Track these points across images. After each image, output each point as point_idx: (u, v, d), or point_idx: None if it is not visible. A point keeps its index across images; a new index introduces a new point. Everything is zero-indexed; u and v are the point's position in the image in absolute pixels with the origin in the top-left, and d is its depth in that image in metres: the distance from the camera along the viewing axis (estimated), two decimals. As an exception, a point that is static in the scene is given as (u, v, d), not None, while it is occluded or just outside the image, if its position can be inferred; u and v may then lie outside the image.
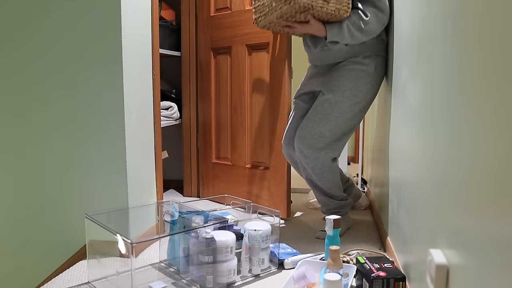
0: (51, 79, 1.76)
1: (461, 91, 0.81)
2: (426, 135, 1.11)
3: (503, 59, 0.61)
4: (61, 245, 1.80)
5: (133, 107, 1.82)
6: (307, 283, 1.38)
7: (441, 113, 0.95)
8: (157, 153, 2.09)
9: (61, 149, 1.78)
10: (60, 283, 1.56)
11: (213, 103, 2.71)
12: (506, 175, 0.60)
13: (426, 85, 1.10)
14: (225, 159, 2.67)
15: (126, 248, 1.42)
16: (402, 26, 1.54)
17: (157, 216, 1.89)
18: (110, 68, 1.72)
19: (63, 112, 1.77)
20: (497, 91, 0.63)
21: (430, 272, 0.94)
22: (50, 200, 1.80)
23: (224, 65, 2.63)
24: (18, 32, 1.76)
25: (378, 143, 2.29)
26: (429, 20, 1.09)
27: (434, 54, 1.03)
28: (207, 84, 2.72)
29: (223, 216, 1.75)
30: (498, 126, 0.63)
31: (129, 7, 1.77)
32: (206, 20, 2.68)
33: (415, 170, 1.25)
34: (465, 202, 0.78)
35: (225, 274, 1.49)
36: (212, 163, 2.74)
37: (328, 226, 1.54)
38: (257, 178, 2.46)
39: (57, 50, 1.75)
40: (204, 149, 2.77)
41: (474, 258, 0.73)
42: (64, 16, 1.73)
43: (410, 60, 1.35)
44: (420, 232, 1.16)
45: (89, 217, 1.52)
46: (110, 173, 1.76)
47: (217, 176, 2.72)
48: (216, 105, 2.69)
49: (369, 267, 1.36)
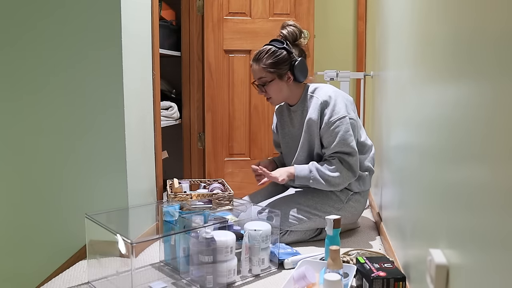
0: (51, 79, 1.76)
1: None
2: (426, 134, 1.11)
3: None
4: (61, 245, 1.79)
5: (133, 107, 1.82)
6: (307, 283, 1.38)
7: (439, 116, 0.95)
8: (157, 153, 2.09)
9: (61, 149, 1.78)
10: (60, 283, 1.56)
11: (228, 102, 2.75)
12: (506, 175, 0.60)
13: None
14: (240, 155, 2.79)
15: (126, 248, 1.42)
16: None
17: (157, 216, 1.89)
18: (110, 68, 1.72)
19: (63, 112, 1.77)
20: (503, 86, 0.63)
21: (430, 272, 0.94)
22: (50, 200, 1.80)
23: (241, 66, 2.72)
24: (18, 32, 1.76)
25: (377, 142, 2.29)
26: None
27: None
28: (219, 83, 2.74)
29: (223, 216, 1.75)
30: (498, 126, 0.63)
31: (129, 7, 1.77)
32: (217, 21, 2.70)
33: (415, 170, 1.25)
34: (465, 202, 0.78)
35: (225, 274, 1.49)
36: (224, 161, 2.78)
37: (328, 226, 1.54)
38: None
39: (57, 49, 1.75)
40: (213, 148, 2.78)
41: (474, 258, 0.73)
42: (64, 16, 1.73)
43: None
44: (420, 232, 1.16)
45: (89, 217, 1.52)
46: (110, 173, 1.76)
47: (232, 173, 2.79)
48: (230, 104, 2.75)
49: (369, 267, 1.36)
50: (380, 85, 2.22)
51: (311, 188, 1.95)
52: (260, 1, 2.70)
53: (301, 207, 1.90)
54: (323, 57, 3.15)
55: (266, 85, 1.91)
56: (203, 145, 2.84)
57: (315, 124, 1.89)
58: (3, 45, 1.77)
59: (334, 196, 1.93)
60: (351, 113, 1.89)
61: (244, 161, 2.79)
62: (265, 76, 1.90)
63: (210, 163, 2.79)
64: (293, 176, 1.89)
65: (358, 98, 3.08)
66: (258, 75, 1.92)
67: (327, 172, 1.84)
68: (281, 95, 1.95)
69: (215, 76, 2.74)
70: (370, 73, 2.75)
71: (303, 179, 1.88)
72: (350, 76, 2.76)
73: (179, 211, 1.65)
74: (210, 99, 2.75)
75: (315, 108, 1.89)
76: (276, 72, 1.89)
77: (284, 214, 1.87)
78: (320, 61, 3.10)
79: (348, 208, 1.95)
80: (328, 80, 2.70)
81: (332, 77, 2.71)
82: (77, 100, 1.76)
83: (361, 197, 2.00)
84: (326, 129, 1.87)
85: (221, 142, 2.78)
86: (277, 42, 1.91)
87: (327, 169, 1.85)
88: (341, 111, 1.86)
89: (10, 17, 1.75)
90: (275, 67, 1.88)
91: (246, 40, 2.72)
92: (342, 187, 1.89)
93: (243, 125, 2.77)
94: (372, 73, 2.68)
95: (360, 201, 1.99)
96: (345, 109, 1.87)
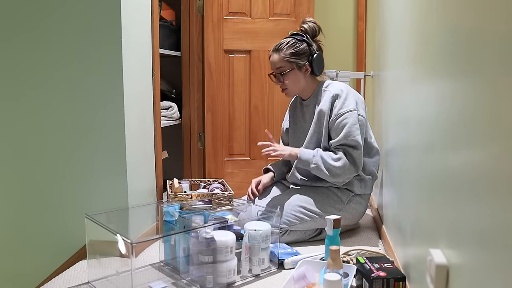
0: (51, 79, 1.76)
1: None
2: (426, 134, 1.11)
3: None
4: (61, 245, 1.79)
5: (133, 107, 1.82)
6: (307, 283, 1.38)
7: (439, 116, 0.95)
8: (157, 153, 2.09)
9: (61, 149, 1.78)
10: (60, 283, 1.56)
11: (227, 102, 2.75)
12: (506, 175, 0.60)
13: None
14: (240, 155, 2.79)
15: (126, 248, 1.42)
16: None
17: (157, 216, 1.89)
18: (110, 68, 1.72)
19: (63, 112, 1.77)
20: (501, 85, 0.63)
21: (430, 272, 0.94)
22: (50, 200, 1.80)
23: (241, 66, 2.72)
24: (18, 33, 1.76)
25: (377, 142, 2.29)
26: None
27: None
28: (219, 83, 2.74)
29: (223, 216, 1.75)
30: (498, 126, 0.63)
31: (129, 7, 1.77)
32: (217, 21, 2.70)
33: (415, 170, 1.25)
34: (465, 202, 0.78)
35: (225, 274, 1.49)
36: (224, 161, 2.78)
37: (328, 226, 1.54)
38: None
39: (56, 49, 1.75)
40: (213, 148, 2.78)
41: (474, 258, 0.73)
42: (64, 16, 1.73)
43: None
44: (420, 232, 1.16)
45: (89, 217, 1.52)
46: (110, 173, 1.76)
47: (232, 173, 2.78)
48: (230, 104, 2.75)
49: (369, 267, 1.36)
50: (380, 85, 2.22)
51: (312, 187, 1.95)
52: (260, 1, 2.70)
53: (302, 206, 1.90)
54: (323, 57, 3.14)
55: (284, 74, 1.94)
56: (203, 145, 2.84)
57: (325, 116, 1.92)
58: (2, 45, 1.77)
59: (335, 196, 1.93)
60: (360, 110, 1.91)
61: (244, 161, 2.79)
62: (284, 66, 1.94)
63: (210, 163, 2.79)
64: (296, 156, 1.90)
65: (358, 98, 3.07)
66: (277, 64, 1.95)
67: (330, 161, 1.85)
68: (298, 86, 1.98)
69: (215, 76, 2.74)
70: (370, 73, 2.75)
71: (305, 162, 1.88)
72: (350, 76, 2.76)
73: (179, 211, 1.65)
74: (210, 99, 2.75)
75: (327, 100, 1.92)
76: (295, 62, 1.93)
77: (285, 213, 1.88)
78: (320, 61, 3.09)
79: (349, 209, 1.95)
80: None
81: (332, 77, 2.71)
82: (77, 100, 1.76)
83: (362, 200, 2.00)
84: (334, 120, 1.89)
85: (221, 142, 2.78)
86: (298, 35, 1.96)
87: (331, 157, 1.86)
88: (351, 105, 1.89)
89: (10, 17, 1.75)
90: (295, 57, 1.93)
91: (246, 40, 2.72)
92: (342, 180, 1.89)
93: (243, 125, 2.77)
94: (372, 73, 2.69)
95: (361, 203, 2.00)
96: (355, 105, 1.90)
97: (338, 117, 1.88)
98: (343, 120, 1.87)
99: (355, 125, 1.86)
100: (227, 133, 2.77)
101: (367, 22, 3.12)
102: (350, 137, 1.85)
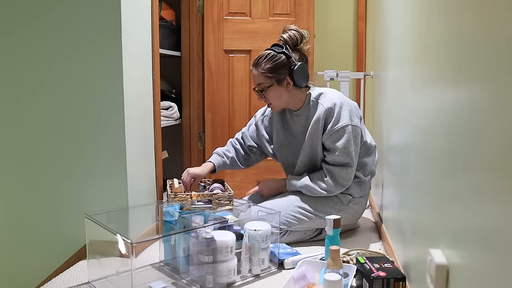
0: (50, 79, 1.76)
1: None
2: (426, 134, 1.11)
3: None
4: (61, 245, 1.79)
5: (133, 107, 1.82)
6: (307, 283, 1.38)
7: (439, 116, 0.95)
8: (157, 153, 2.09)
9: (61, 149, 1.78)
10: (60, 283, 1.56)
11: (227, 102, 2.75)
12: (506, 175, 0.60)
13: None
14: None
15: (126, 248, 1.42)
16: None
17: (157, 216, 1.89)
18: (110, 68, 1.72)
19: (63, 112, 1.77)
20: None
21: (430, 272, 0.94)
22: (50, 200, 1.80)
23: (241, 66, 2.72)
24: (18, 32, 1.76)
25: (377, 142, 2.29)
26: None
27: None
28: (219, 83, 2.74)
29: (223, 216, 1.74)
30: (498, 126, 0.63)
31: (129, 7, 1.77)
32: (217, 21, 2.70)
33: (415, 170, 1.25)
34: (465, 202, 0.78)
35: (225, 274, 1.49)
36: None
37: (328, 226, 1.54)
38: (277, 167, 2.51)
39: (56, 49, 1.75)
40: (213, 148, 2.77)
41: (474, 258, 0.73)
42: (64, 16, 1.73)
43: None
44: (420, 232, 1.16)
45: (89, 217, 1.52)
46: (110, 173, 1.76)
47: (232, 173, 2.78)
48: (230, 104, 2.75)
49: (369, 267, 1.36)
50: (380, 85, 2.22)
51: None
52: (260, 1, 2.70)
53: (302, 207, 1.90)
54: (323, 57, 3.15)
55: (264, 90, 1.89)
56: (203, 145, 2.84)
57: (319, 129, 1.89)
58: (1, 47, 1.77)
59: (335, 197, 1.94)
60: (354, 120, 1.88)
61: None
62: (264, 82, 1.88)
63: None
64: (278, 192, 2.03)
65: (358, 98, 3.08)
66: (257, 80, 1.90)
67: (318, 189, 1.89)
68: (281, 101, 1.92)
69: (215, 76, 2.74)
70: (370, 73, 2.75)
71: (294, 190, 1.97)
72: (350, 76, 2.76)
73: (179, 211, 1.65)
74: (210, 99, 2.76)
75: (320, 114, 1.88)
76: (275, 77, 1.86)
77: (284, 214, 1.88)
78: (320, 61, 3.10)
79: (348, 210, 1.95)
80: (328, 80, 2.70)
81: (332, 77, 2.71)
82: (77, 100, 1.76)
83: (362, 199, 2.00)
84: (328, 136, 1.87)
85: (221, 142, 2.77)
86: (277, 47, 1.89)
87: (317, 185, 1.90)
88: (344, 119, 1.86)
89: (9, 17, 1.75)
90: (273, 72, 1.86)
91: (246, 40, 2.72)
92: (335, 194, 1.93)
93: (243, 125, 2.75)
94: (372, 73, 2.69)
95: (361, 203, 2.00)
96: (349, 117, 1.86)
97: (332, 133, 1.86)
98: (337, 137, 1.85)
99: (349, 141, 1.85)
100: (227, 133, 2.77)
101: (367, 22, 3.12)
102: (344, 154, 1.85)
